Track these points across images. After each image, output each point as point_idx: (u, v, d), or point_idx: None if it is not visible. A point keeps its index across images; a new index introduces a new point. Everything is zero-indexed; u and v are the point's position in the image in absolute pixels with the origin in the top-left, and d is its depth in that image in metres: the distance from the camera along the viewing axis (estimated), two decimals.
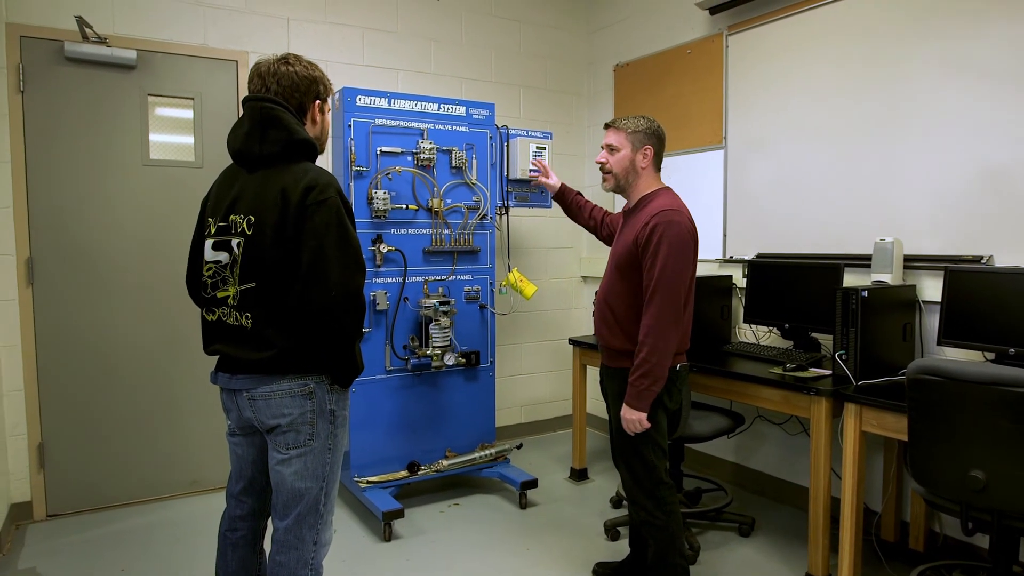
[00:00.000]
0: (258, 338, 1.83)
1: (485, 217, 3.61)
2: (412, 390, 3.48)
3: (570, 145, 4.84)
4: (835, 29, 3.27)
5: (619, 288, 2.44)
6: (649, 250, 2.31)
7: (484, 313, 3.65)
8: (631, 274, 2.39)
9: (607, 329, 2.48)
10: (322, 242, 1.76)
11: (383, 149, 3.34)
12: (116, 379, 3.52)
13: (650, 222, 2.33)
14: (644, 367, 2.30)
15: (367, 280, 3.30)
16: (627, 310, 2.41)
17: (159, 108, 3.59)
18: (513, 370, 4.68)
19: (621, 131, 2.48)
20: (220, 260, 1.88)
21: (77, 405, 3.44)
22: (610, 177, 2.51)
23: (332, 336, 1.80)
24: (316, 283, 1.76)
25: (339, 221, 1.79)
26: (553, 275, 4.79)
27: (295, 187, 1.79)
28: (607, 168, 2.51)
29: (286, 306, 1.81)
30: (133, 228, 3.53)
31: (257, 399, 1.86)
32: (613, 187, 2.53)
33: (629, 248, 2.39)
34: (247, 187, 1.87)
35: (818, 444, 2.66)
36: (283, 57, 1.94)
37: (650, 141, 2.48)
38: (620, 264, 2.43)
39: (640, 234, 2.35)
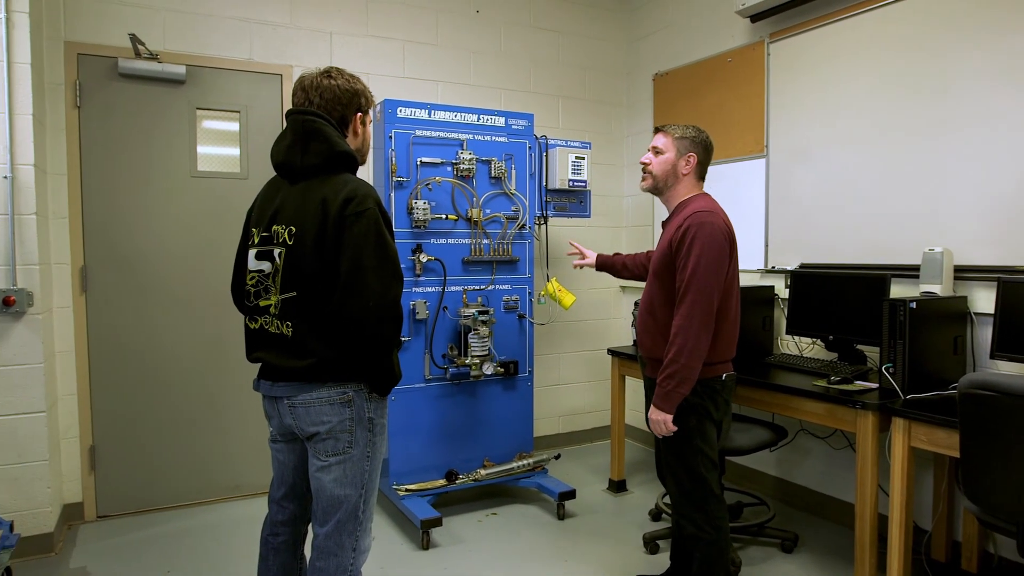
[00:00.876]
0: (298, 346, 1.85)
1: (524, 227, 3.61)
2: (451, 399, 3.49)
3: (609, 155, 4.82)
4: (879, 35, 3.20)
5: (659, 296, 2.42)
6: (682, 251, 2.30)
7: (523, 323, 3.65)
8: (668, 279, 2.37)
9: (650, 339, 2.46)
10: (360, 252, 1.78)
11: (423, 160, 3.37)
12: (163, 385, 3.60)
13: (683, 224, 2.32)
14: (672, 367, 2.27)
15: (407, 289, 3.33)
16: (668, 318, 2.38)
17: (206, 121, 3.67)
18: (551, 380, 4.66)
19: (668, 136, 2.49)
20: (263, 269, 1.91)
21: (126, 410, 3.53)
22: (648, 177, 2.51)
23: (370, 345, 1.81)
24: (354, 293, 1.77)
25: (377, 231, 1.80)
26: (592, 285, 4.76)
27: (334, 198, 1.81)
28: (648, 168, 2.51)
29: (326, 315, 1.82)
30: (180, 238, 3.62)
31: (297, 406, 1.87)
32: (650, 187, 2.52)
33: (665, 253, 2.38)
34: (289, 198, 1.90)
35: (864, 459, 2.59)
36: (326, 71, 1.97)
37: (695, 149, 2.47)
38: (658, 271, 2.41)
39: (674, 237, 2.34)
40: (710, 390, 2.38)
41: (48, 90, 3.31)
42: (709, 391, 2.38)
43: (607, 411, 4.77)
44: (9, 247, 2.92)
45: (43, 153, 3.20)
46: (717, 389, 2.39)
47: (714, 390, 2.38)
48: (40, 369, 3.01)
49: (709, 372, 2.37)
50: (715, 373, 2.38)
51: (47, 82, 3.30)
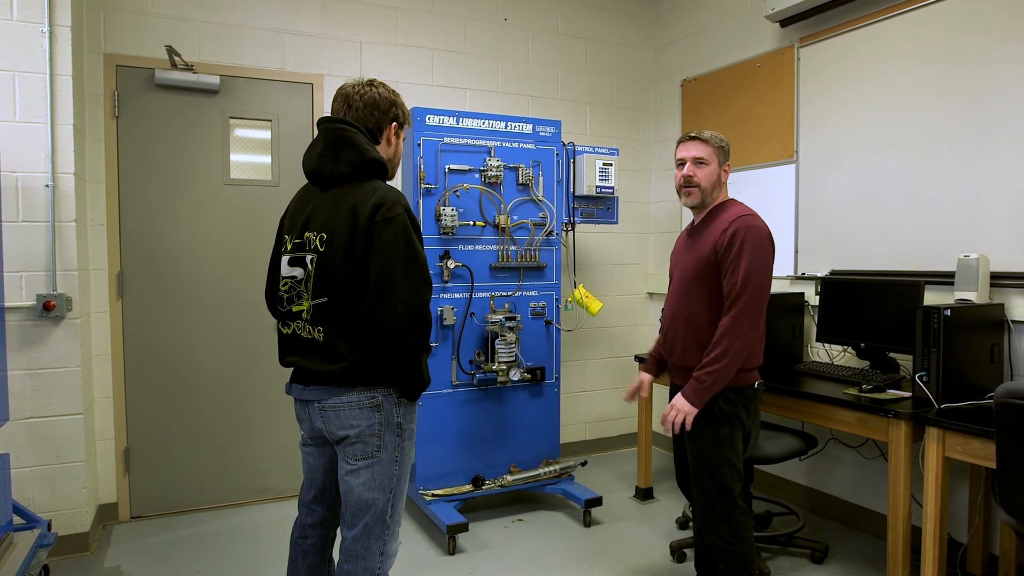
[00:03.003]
0: (329, 351, 1.87)
1: (551, 233, 3.61)
2: (478, 405, 3.49)
3: (637, 161, 4.81)
4: (913, 38, 3.16)
5: (696, 303, 2.40)
6: (731, 254, 2.28)
7: (550, 329, 3.64)
8: (709, 285, 2.35)
9: (682, 347, 2.44)
10: (389, 259, 1.80)
11: (451, 167, 3.39)
12: (195, 389, 3.66)
13: (729, 228, 2.31)
14: (713, 365, 2.25)
15: (435, 296, 3.34)
16: (708, 324, 2.36)
17: (239, 130, 3.73)
18: (578, 386, 4.65)
19: (709, 144, 2.45)
20: (295, 275, 1.94)
21: (159, 413, 3.59)
22: (696, 191, 2.45)
23: (399, 350, 1.83)
24: (383, 298, 1.79)
25: (406, 238, 1.82)
26: (619, 291, 4.75)
27: (364, 205, 1.84)
28: (695, 181, 2.45)
29: (356, 320, 1.84)
30: (213, 245, 3.67)
31: (327, 410, 1.90)
32: (698, 202, 2.46)
33: (707, 257, 2.35)
34: (320, 205, 1.93)
35: (897, 469, 2.55)
36: (369, 80, 2.02)
37: (728, 157, 2.49)
38: (696, 276, 2.39)
39: (719, 240, 2.32)
40: (744, 398, 2.36)
41: (88, 100, 3.40)
42: (743, 399, 2.36)
43: (634, 418, 4.75)
44: (50, 253, 3.00)
45: (83, 162, 3.28)
46: (750, 397, 2.37)
47: (747, 398, 2.35)
48: (78, 372, 3.08)
49: (743, 379, 2.35)
50: (748, 381, 2.36)
51: (87, 93, 3.39)
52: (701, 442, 2.36)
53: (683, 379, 2.46)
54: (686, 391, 2.32)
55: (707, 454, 2.36)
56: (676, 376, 2.52)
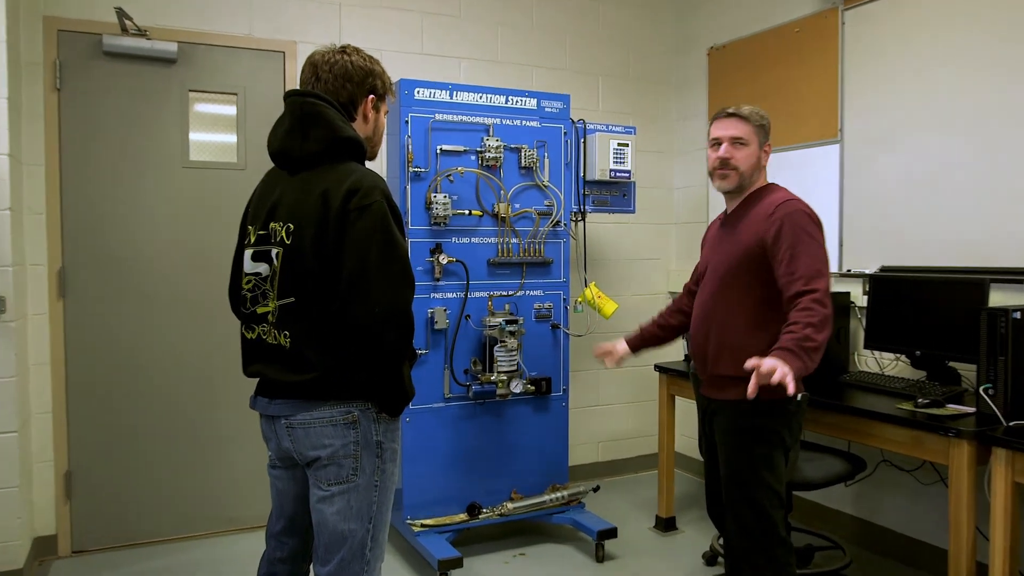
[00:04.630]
0: (297, 359, 1.86)
1: (559, 224, 3.60)
2: (473, 421, 3.48)
3: (656, 141, 4.79)
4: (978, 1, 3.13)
5: (733, 300, 2.40)
6: (784, 242, 2.29)
7: (557, 334, 3.63)
8: (749, 282, 2.36)
9: (714, 353, 2.43)
10: (365, 252, 1.80)
11: (444, 148, 3.37)
12: (149, 403, 3.64)
13: (775, 213, 2.33)
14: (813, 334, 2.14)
15: (424, 295, 3.34)
16: (746, 325, 2.37)
17: (200, 104, 3.72)
18: (590, 400, 4.63)
19: (749, 123, 2.46)
20: (259, 272, 1.94)
21: (108, 430, 3.57)
22: (733, 175, 2.46)
23: (376, 358, 1.83)
24: (358, 298, 1.79)
25: (384, 228, 1.82)
26: (636, 290, 4.73)
27: (337, 190, 1.83)
28: (733, 164, 2.46)
29: (328, 324, 1.84)
30: (172, 236, 3.66)
31: (296, 427, 1.89)
32: (734, 186, 2.48)
33: (748, 249, 2.36)
34: (288, 191, 1.92)
35: (959, 497, 2.52)
36: (341, 47, 2.01)
37: (768, 137, 2.50)
38: (733, 272, 2.39)
39: (765, 230, 2.33)
40: (784, 412, 2.35)
41: (25, 70, 3.38)
42: (783, 413, 2.35)
43: (654, 437, 4.72)
44: None
45: (18, 141, 3.26)
46: (792, 411, 2.36)
47: (789, 412, 2.34)
48: (12, 384, 3.06)
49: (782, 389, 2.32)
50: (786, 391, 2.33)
51: (23, 62, 3.37)
52: (736, 463, 2.34)
53: (715, 389, 2.44)
54: (794, 350, 2.13)
55: (743, 477, 2.34)
56: (709, 388, 2.50)
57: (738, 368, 2.33)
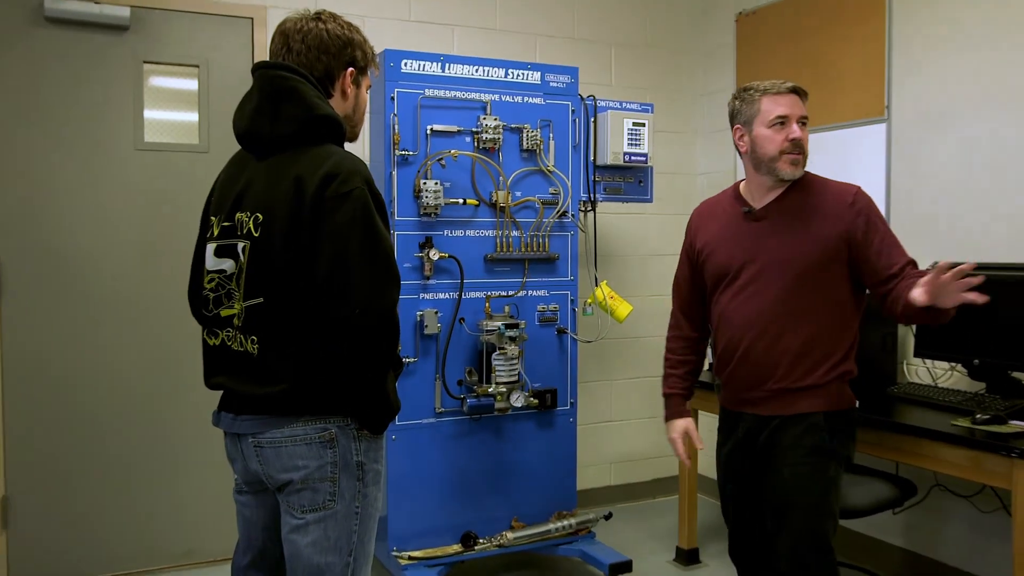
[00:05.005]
0: (266, 369, 1.86)
1: (565, 215, 3.60)
2: (468, 439, 3.48)
3: (677, 120, 4.78)
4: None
5: (818, 300, 2.40)
6: (876, 235, 2.39)
7: (564, 340, 3.63)
8: (834, 282, 2.40)
9: (790, 362, 2.42)
10: (344, 246, 1.79)
11: (435, 128, 3.37)
12: (96, 419, 3.63)
13: (856, 204, 2.41)
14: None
15: (413, 296, 3.35)
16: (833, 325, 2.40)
17: (156, 78, 3.71)
18: (601, 415, 4.64)
19: (806, 100, 2.52)
20: (223, 269, 1.94)
21: (49, 451, 3.56)
22: (802, 160, 2.49)
23: (357, 367, 1.83)
24: (336, 299, 1.79)
25: (366, 219, 1.82)
26: (654, 290, 4.73)
27: (312, 176, 1.83)
28: (805, 148, 2.48)
29: (301, 328, 1.84)
30: (124, 228, 3.65)
31: (265, 447, 1.88)
32: (802, 172, 2.51)
33: (834, 243, 2.38)
34: (256, 178, 1.93)
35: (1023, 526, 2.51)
36: (316, 13, 2.01)
37: None
38: (817, 267, 2.40)
39: (850, 223, 2.39)
40: (849, 424, 2.38)
41: None
42: (848, 425, 2.39)
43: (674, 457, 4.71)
44: None
45: None
46: (853, 420, 2.42)
47: (851, 423, 2.37)
48: None
49: (848, 398, 2.41)
50: (852, 401, 2.40)
51: None
52: (805, 488, 2.34)
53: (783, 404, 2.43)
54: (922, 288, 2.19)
55: (811, 504, 2.35)
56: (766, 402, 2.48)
57: (819, 375, 2.37)
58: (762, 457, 2.50)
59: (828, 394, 2.37)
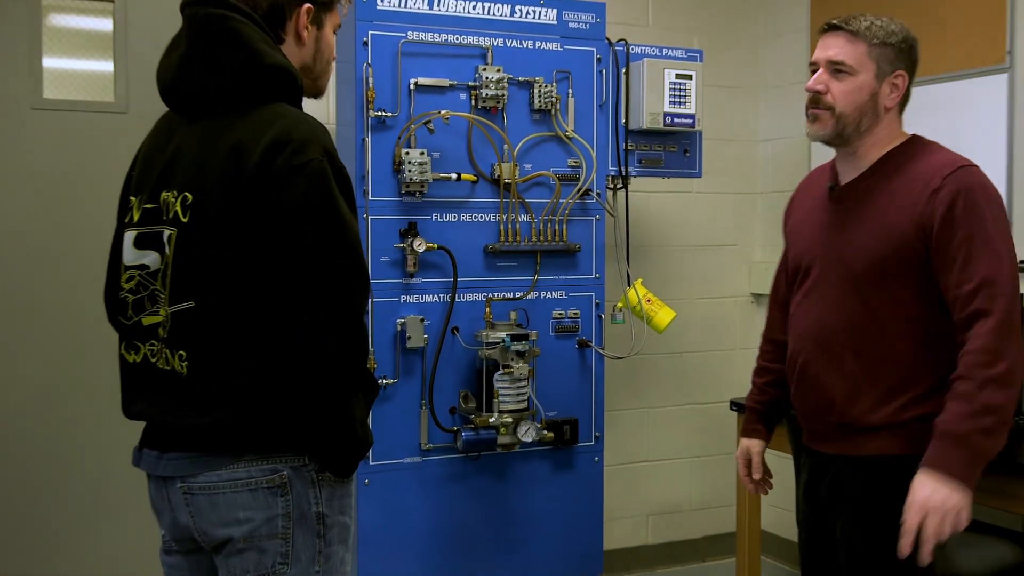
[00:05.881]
0: (199, 392, 1.85)
1: (589, 194, 3.61)
2: (463, 484, 3.49)
3: (732, 71, 4.79)
4: None
5: (880, 313, 2.38)
6: (957, 231, 2.27)
7: (587, 356, 3.65)
8: (901, 285, 2.36)
9: (848, 390, 2.41)
10: (297, 236, 1.79)
11: (420, 82, 3.37)
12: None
13: (943, 187, 2.30)
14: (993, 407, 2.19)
15: (390, 299, 3.35)
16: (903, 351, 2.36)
17: (58, 16, 3.73)
18: (635, 453, 4.65)
19: (860, 40, 2.42)
20: (146, 265, 1.93)
21: None
22: (827, 117, 2.44)
23: (316, 390, 1.82)
24: (287, 302, 1.79)
25: (326, 200, 1.82)
26: (703, 292, 4.74)
27: (255, 143, 1.82)
28: (826, 101, 2.43)
29: (242, 340, 1.83)
30: (15, 212, 3.67)
31: (197, 494, 1.87)
32: (830, 134, 2.45)
33: (904, 238, 2.34)
34: (186, 146, 1.92)
35: None
36: None
37: (905, 63, 2.45)
38: (879, 269, 2.37)
39: (927, 208, 2.31)
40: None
41: None
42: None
43: (730, 508, 4.71)
44: None
45: None
46: None
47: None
48: None
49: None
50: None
51: None
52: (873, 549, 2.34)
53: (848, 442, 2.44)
54: (947, 462, 2.20)
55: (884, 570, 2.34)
56: (827, 438, 2.50)
57: (893, 410, 2.34)
58: (826, 509, 2.51)
59: (909, 435, 2.32)
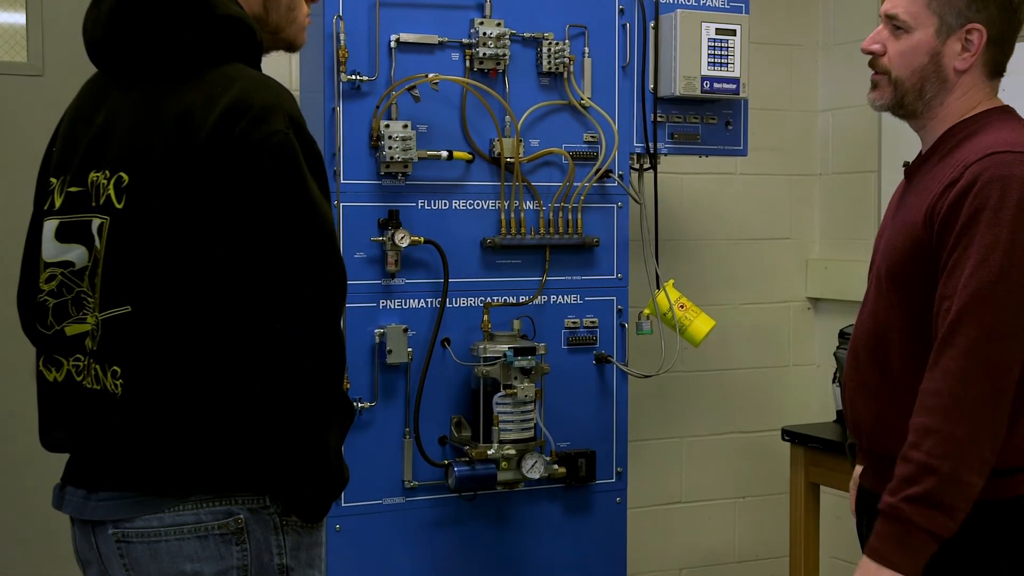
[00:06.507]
0: (134, 417, 1.85)
1: (609, 175, 3.62)
2: (457, 530, 3.50)
3: (786, 29, 4.81)
4: None
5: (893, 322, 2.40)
6: (955, 228, 2.24)
7: (606, 374, 3.66)
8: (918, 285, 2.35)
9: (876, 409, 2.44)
10: (258, 224, 1.80)
11: (402, 38, 3.38)
12: None
13: (964, 174, 2.26)
14: (921, 476, 2.19)
15: (367, 303, 3.37)
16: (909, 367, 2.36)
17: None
18: (666, 492, 4.67)
19: None
20: (70, 261, 1.94)
21: None
22: (885, 83, 2.45)
23: (279, 414, 1.83)
24: (247, 306, 1.80)
25: (292, 180, 1.83)
26: (749, 296, 4.76)
27: (206, 111, 1.83)
28: (882, 65, 2.45)
29: (188, 353, 1.83)
30: None
31: (134, 542, 1.87)
32: (889, 104, 2.47)
33: (915, 232, 2.35)
34: (119, 116, 1.93)
35: None
36: None
37: (981, 15, 2.40)
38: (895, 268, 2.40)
39: (940, 200, 2.30)
40: (1013, 531, 2.34)
41: None
42: (1012, 534, 2.34)
43: (781, 559, 4.73)
44: None
45: None
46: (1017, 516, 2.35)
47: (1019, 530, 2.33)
48: None
49: (1007, 489, 2.32)
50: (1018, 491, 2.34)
51: None
52: None
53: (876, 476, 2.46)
54: (876, 542, 2.25)
55: None
56: (867, 469, 2.54)
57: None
58: None
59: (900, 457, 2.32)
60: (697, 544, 4.73)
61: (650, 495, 4.58)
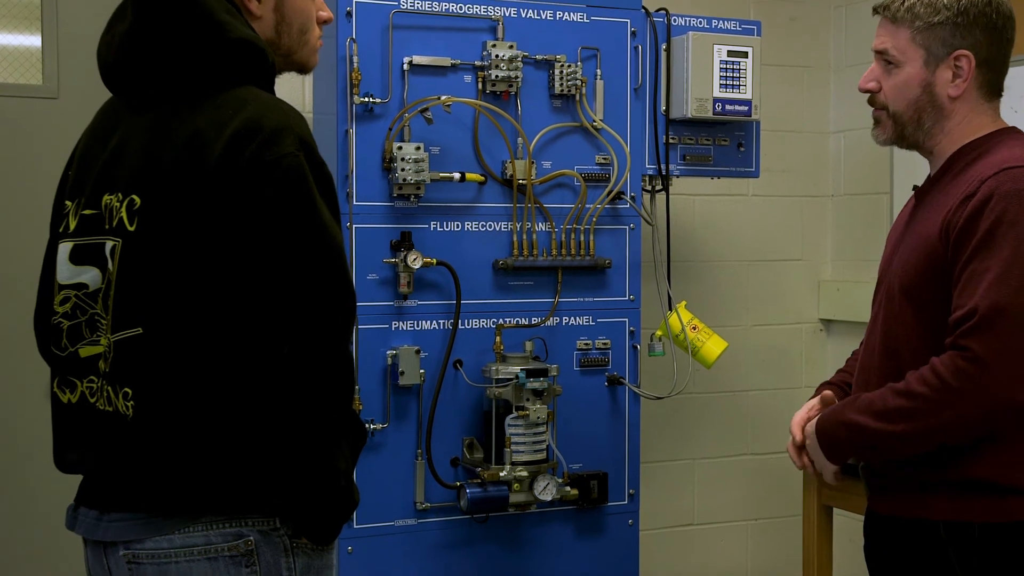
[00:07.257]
0: (146, 439, 1.85)
1: (621, 197, 3.62)
2: (468, 552, 3.49)
3: (798, 51, 4.81)
4: None
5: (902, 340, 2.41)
6: (972, 241, 2.25)
7: (619, 395, 3.65)
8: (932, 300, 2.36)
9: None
10: (269, 246, 1.80)
11: (415, 61, 3.39)
12: None
13: (980, 189, 2.28)
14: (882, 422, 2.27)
15: (380, 325, 3.36)
16: None
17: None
18: (677, 515, 4.66)
19: (901, 24, 2.44)
20: (84, 283, 1.94)
21: None
22: (885, 118, 2.49)
23: (291, 436, 1.82)
24: (258, 328, 1.80)
25: (303, 203, 1.82)
26: (761, 318, 4.75)
27: (217, 133, 1.83)
28: (880, 101, 2.48)
29: (200, 375, 1.83)
30: None
31: (144, 563, 1.87)
32: (893, 136, 2.50)
33: (929, 247, 2.35)
34: (132, 140, 1.93)
35: None
36: None
37: (966, 41, 2.42)
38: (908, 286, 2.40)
39: (954, 215, 2.31)
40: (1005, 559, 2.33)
41: None
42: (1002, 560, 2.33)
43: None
44: None
45: None
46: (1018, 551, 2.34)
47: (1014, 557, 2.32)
48: None
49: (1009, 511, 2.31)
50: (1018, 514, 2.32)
51: None
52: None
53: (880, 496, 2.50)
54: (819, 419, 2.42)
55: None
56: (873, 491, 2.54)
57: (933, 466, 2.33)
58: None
59: (954, 494, 2.32)
60: (709, 566, 4.72)
61: (662, 517, 4.57)
